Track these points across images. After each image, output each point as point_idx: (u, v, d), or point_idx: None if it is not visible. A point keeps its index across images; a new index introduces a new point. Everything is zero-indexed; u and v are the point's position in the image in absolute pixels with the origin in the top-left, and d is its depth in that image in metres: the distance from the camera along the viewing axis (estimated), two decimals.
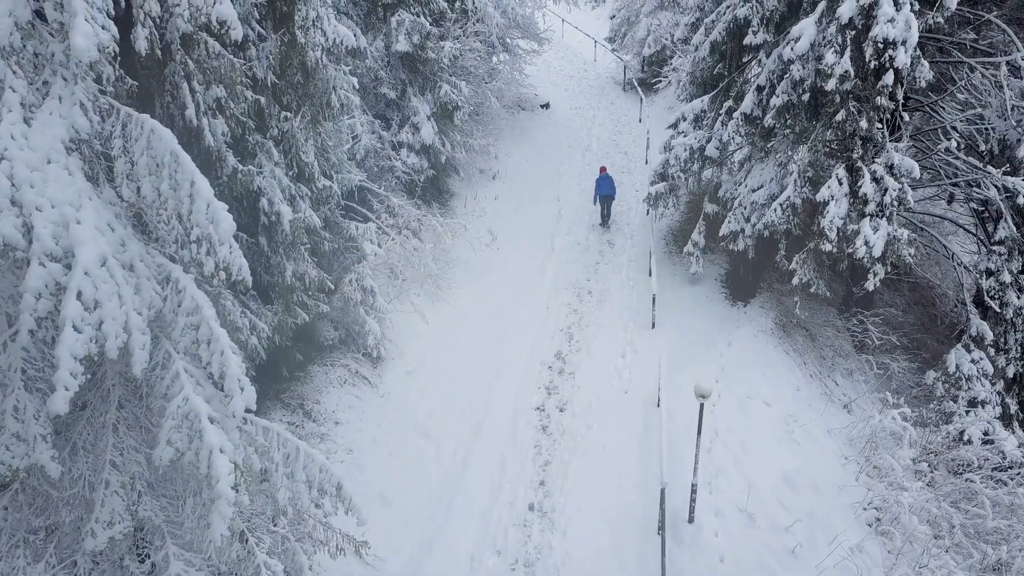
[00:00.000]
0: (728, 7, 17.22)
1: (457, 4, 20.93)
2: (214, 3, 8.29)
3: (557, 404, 15.52)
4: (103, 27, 6.99)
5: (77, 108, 7.23)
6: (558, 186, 23.77)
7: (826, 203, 15.06)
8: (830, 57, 14.31)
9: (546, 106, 28.34)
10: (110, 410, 8.09)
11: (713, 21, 17.62)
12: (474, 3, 21.05)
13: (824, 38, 14.90)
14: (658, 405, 15.12)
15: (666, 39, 28.91)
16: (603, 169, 21.87)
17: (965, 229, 18.90)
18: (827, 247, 15.07)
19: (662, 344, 16.96)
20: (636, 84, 30.09)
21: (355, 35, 17.34)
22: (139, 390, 8.13)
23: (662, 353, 16.38)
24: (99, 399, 8.22)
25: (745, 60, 17.59)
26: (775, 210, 15.90)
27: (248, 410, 7.82)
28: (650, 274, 19.34)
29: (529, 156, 24.93)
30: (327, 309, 13.70)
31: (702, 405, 11.84)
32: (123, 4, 8.15)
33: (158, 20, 9.33)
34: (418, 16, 18.44)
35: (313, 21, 11.58)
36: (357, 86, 13.18)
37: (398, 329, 16.29)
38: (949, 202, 19.95)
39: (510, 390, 15.79)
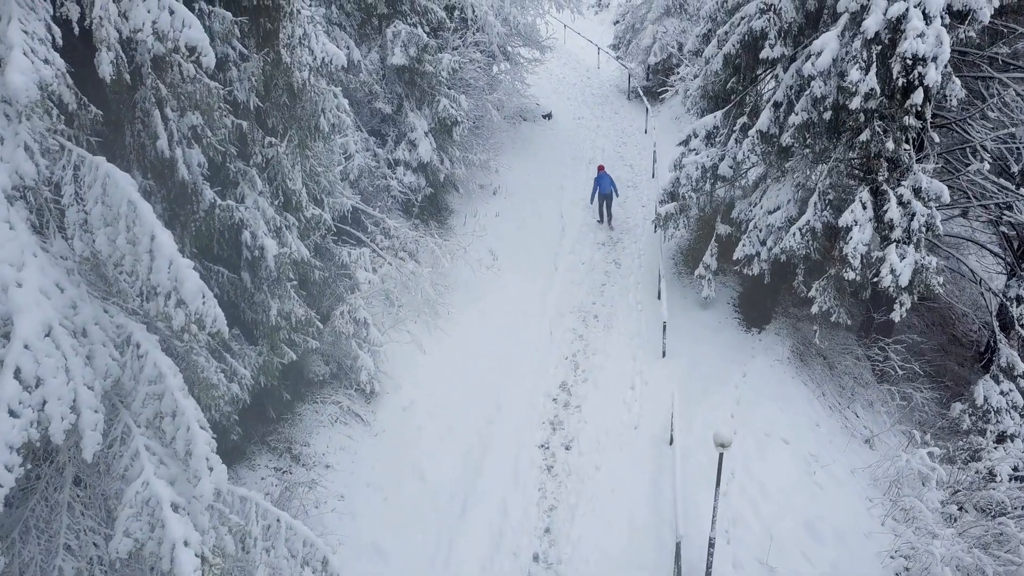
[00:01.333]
0: (743, 19, 16.31)
1: (456, 13, 20.00)
2: (182, 28, 7.36)
3: (562, 441, 14.60)
4: (46, 60, 6.08)
5: (21, 151, 6.33)
6: (561, 201, 22.84)
7: (849, 229, 14.15)
8: (854, 74, 13.40)
9: (548, 116, 27.40)
10: (65, 486, 7.17)
11: (726, 33, 16.70)
12: (474, 12, 20.11)
13: (847, 53, 14.00)
14: (671, 443, 14.21)
15: (672, 47, 27.98)
16: (600, 168, 21.72)
17: (992, 252, 17.95)
18: (850, 275, 14.16)
19: (673, 375, 16.05)
20: (641, 93, 29.14)
21: (348, 48, 16.46)
22: (97, 465, 7.21)
23: (674, 386, 15.48)
24: (54, 471, 7.30)
25: (760, 73, 16.70)
26: (794, 235, 14.98)
27: (218, 489, 6.92)
28: (659, 297, 18.44)
29: (531, 169, 24.00)
30: (317, 344, 12.78)
31: (721, 455, 10.90)
32: (76, 31, 7.22)
33: (126, 42, 8.42)
34: (415, 27, 17.51)
35: (300, 39, 10.66)
36: (348, 108, 12.25)
37: (394, 360, 15.36)
38: (964, 216, 18.98)
39: (512, 425, 14.88)
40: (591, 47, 34.35)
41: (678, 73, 26.41)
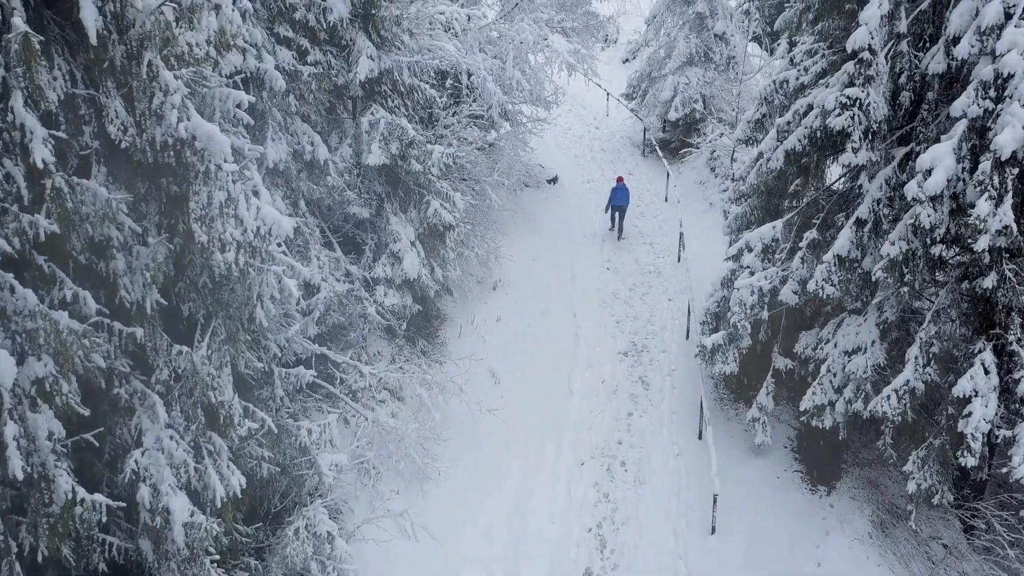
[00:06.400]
0: (810, 107, 12.94)
1: (449, 82, 16.56)
2: None
3: None
4: None
5: None
6: (573, 294, 19.39)
7: (968, 400, 10.80)
8: (983, 206, 10.07)
9: (553, 181, 23.95)
10: None
11: (788, 123, 13.32)
12: (470, 78, 16.68)
13: (963, 169, 10.66)
14: None
15: (695, 101, 24.52)
16: (620, 179, 21.65)
17: None
18: (969, 461, 10.81)
19: (728, 562, 12.65)
20: (658, 149, 25.64)
21: (312, 144, 13.01)
22: None
23: None
24: None
25: (834, 169, 13.42)
26: (889, 398, 11.61)
27: None
28: (700, 436, 15.07)
29: (536, 252, 20.54)
30: None
31: None
32: None
33: None
34: (397, 109, 14.05)
35: (221, 207, 7.18)
36: (297, 291, 8.76)
37: (370, 560, 11.87)
38: None
39: None
40: (599, 89, 30.87)
41: (705, 134, 23.06)
